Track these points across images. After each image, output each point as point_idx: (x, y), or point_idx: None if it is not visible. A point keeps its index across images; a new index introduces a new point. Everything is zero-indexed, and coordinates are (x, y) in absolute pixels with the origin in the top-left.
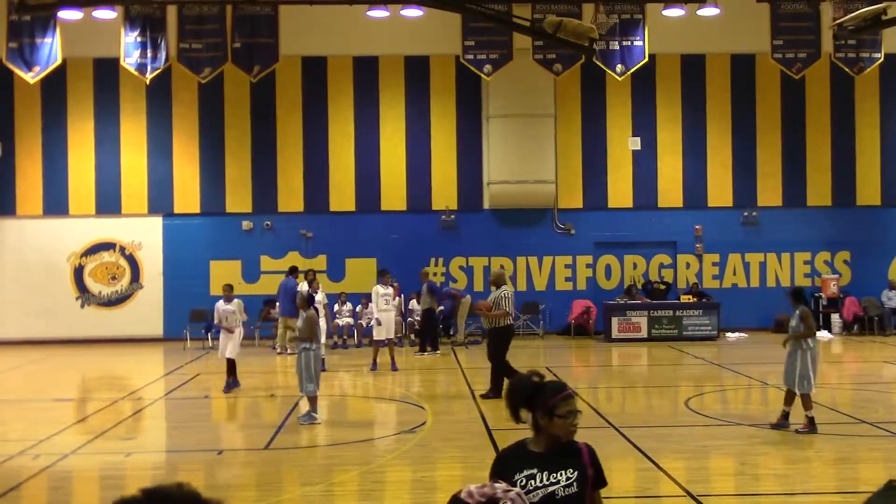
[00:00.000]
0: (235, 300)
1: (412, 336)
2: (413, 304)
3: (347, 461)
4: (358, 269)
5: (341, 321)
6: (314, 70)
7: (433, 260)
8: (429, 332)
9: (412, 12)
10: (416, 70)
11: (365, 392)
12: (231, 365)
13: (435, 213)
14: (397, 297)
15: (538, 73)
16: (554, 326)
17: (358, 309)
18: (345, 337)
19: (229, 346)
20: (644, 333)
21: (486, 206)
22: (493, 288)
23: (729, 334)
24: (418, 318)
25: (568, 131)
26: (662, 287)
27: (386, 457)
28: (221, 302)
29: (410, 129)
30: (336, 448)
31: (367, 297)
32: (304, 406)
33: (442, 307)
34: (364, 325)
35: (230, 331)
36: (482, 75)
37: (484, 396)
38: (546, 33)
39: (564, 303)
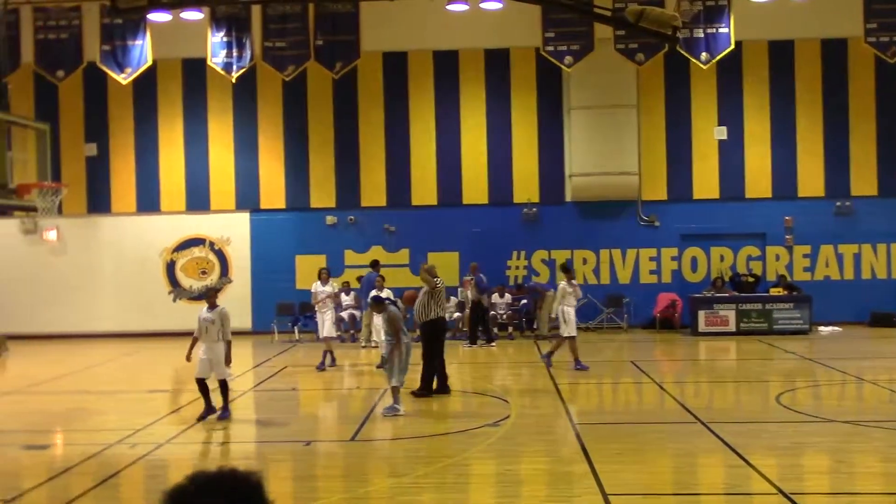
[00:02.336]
0: (332, 282)
1: (496, 330)
2: (495, 297)
3: (432, 453)
4: (440, 263)
5: None
6: (395, 65)
7: (515, 253)
8: (478, 324)
9: (492, 5)
10: (497, 63)
11: (449, 385)
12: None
13: (517, 206)
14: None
15: (620, 64)
16: (638, 320)
17: None
18: None
19: (326, 325)
20: (732, 327)
21: (568, 198)
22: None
23: (822, 328)
24: (500, 312)
25: (651, 122)
26: (751, 280)
27: (470, 450)
28: (318, 283)
29: (491, 122)
30: (420, 440)
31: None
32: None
33: (525, 300)
34: (447, 319)
35: (329, 311)
36: (563, 67)
37: (415, 394)
38: (628, 22)
39: (649, 296)
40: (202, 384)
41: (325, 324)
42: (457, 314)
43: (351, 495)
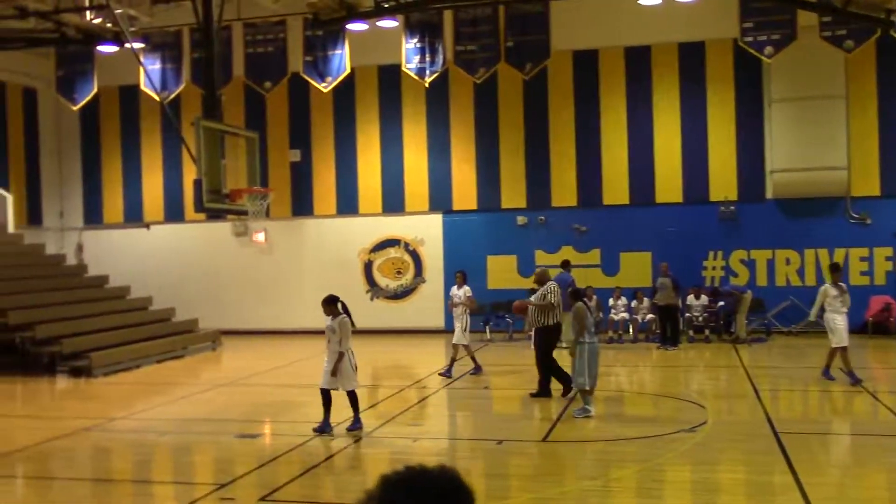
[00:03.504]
0: (465, 287)
1: (692, 332)
2: (690, 299)
3: (625, 457)
4: (633, 264)
5: (616, 316)
6: (586, 63)
7: (711, 254)
8: (670, 327)
9: None
10: (691, 56)
11: (641, 388)
12: (454, 350)
13: (713, 204)
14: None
15: (826, 52)
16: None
17: (633, 304)
18: (619, 332)
19: (457, 331)
20: None
21: (769, 195)
22: (535, 287)
23: None
24: (696, 314)
25: (862, 113)
26: None
27: (664, 455)
28: (454, 288)
29: (685, 117)
30: (612, 443)
31: (642, 291)
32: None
33: (722, 303)
34: (639, 321)
35: (463, 316)
36: (763, 58)
37: (533, 395)
38: (835, 7)
39: (860, 299)
40: (325, 395)
41: (456, 330)
42: (649, 316)
43: (541, 496)
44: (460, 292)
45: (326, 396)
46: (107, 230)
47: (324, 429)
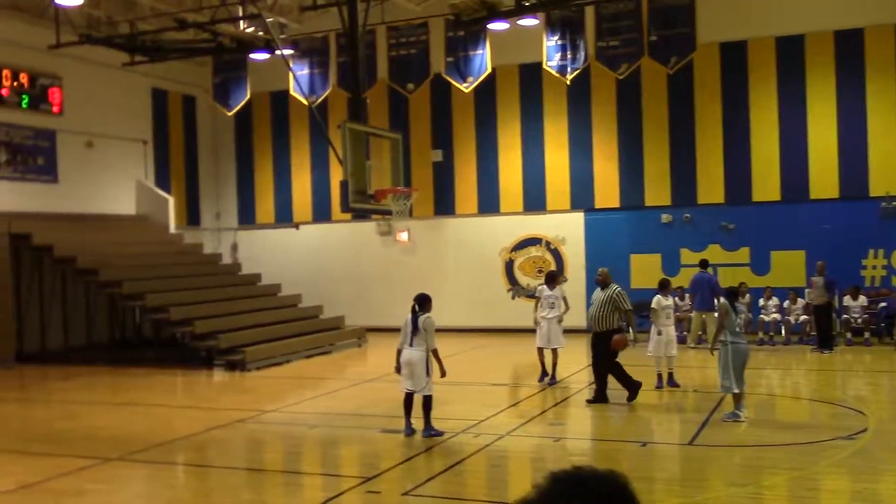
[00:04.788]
0: (559, 287)
1: (850, 335)
2: (847, 300)
3: (776, 464)
4: (784, 263)
5: (767, 317)
6: (733, 55)
7: (871, 252)
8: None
9: None
10: (849, 44)
11: (795, 392)
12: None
13: (873, 199)
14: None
15: None
16: None
17: (786, 304)
18: (771, 333)
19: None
20: None
21: None
22: (600, 289)
23: None
24: (854, 315)
25: None
26: None
27: (819, 463)
28: (544, 287)
29: (842, 108)
30: (763, 449)
31: (794, 292)
32: (730, 404)
33: (885, 304)
34: (792, 322)
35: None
36: None
37: (590, 402)
38: None
39: None
40: (407, 398)
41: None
42: (803, 317)
43: (688, 500)
44: (554, 292)
45: (406, 400)
46: (259, 230)
47: (407, 433)
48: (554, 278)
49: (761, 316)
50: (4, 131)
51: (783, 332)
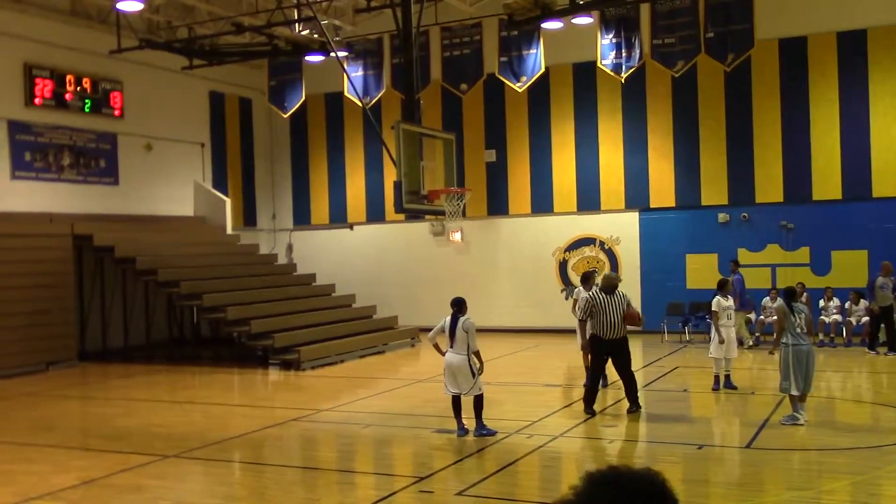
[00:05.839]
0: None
1: None
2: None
3: (837, 468)
4: (846, 263)
5: (827, 318)
6: (793, 51)
7: None
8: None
9: None
10: None
11: (857, 395)
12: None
13: None
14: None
15: None
16: None
17: (847, 305)
18: (831, 335)
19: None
20: None
21: None
22: (605, 294)
23: None
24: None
25: None
26: None
27: (882, 468)
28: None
29: None
30: (823, 453)
31: (856, 293)
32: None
33: None
34: (854, 323)
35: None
36: None
37: (631, 411)
38: None
39: None
40: (454, 400)
41: (578, 334)
42: (865, 318)
43: None
44: (586, 294)
45: (454, 402)
46: (314, 230)
47: (460, 433)
48: (588, 278)
49: (822, 317)
50: (68, 135)
51: (844, 333)
